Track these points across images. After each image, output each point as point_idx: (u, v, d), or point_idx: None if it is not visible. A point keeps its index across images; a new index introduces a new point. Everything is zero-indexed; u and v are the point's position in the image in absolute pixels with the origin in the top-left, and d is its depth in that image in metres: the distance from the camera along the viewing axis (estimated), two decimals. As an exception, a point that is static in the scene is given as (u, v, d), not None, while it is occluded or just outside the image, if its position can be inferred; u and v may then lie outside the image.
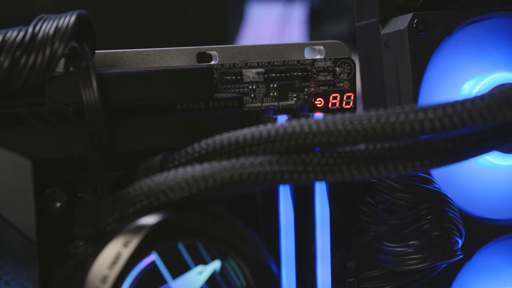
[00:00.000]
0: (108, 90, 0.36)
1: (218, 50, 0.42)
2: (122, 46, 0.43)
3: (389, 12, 0.46)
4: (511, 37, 0.46)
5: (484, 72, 0.46)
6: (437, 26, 0.44)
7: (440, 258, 0.40)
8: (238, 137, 0.35)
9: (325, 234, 0.40)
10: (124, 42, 0.98)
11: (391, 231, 0.40)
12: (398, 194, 0.40)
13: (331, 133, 0.33)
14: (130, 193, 0.34)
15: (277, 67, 0.42)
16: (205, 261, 0.34)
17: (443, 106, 0.32)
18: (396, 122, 0.32)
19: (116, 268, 0.32)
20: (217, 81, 0.41)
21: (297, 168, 0.34)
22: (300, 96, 0.42)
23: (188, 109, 0.38)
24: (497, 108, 0.32)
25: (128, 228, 0.33)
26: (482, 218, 0.46)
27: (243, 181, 0.33)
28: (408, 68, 0.44)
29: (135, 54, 0.41)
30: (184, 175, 0.34)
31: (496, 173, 0.46)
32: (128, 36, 1.00)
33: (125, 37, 0.99)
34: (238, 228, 0.35)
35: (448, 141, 0.34)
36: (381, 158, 0.34)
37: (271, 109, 0.42)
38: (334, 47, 0.44)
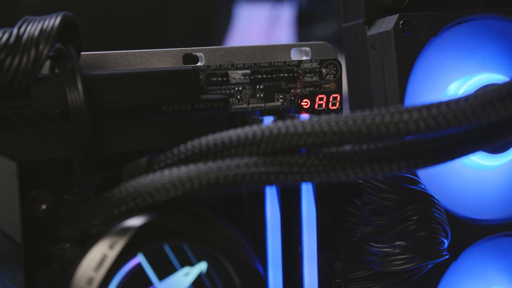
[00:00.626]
0: (93, 92, 0.36)
1: (204, 51, 0.42)
2: (108, 47, 0.43)
3: (375, 13, 0.46)
4: (496, 38, 0.46)
5: (469, 73, 0.46)
6: (423, 27, 0.45)
7: (426, 259, 0.40)
8: (224, 139, 0.35)
9: (311, 235, 0.40)
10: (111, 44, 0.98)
11: (377, 231, 0.41)
12: (385, 195, 0.40)
13: (316, 134, 0.33)
14: (116, 195, 0.34)
15: (263, 68, 0.42)
16: (191, 262, 0.34)
17: (428, 107, 0.32)
18: (381, 123, 0.32)
19: (101, 270, 0.32)
20: (203, 83, 0.41)
21: (283, 169, 0.34)
22: (286, 97, 0.43)
23: (174, 110, 0.38)
24: (481, 109, 0.32)
25: (113, 230, 0.33)
26: (468, 218, 0.46)
27: (228, 182, 0.33)
28: (394, 69, 0.44)
29: (121, 55, 0.41)
30: (170, 176, 0.34)
31: (482, 173, 0.46)
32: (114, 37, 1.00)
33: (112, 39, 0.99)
34: (224, 230, 0.35)
35: (434, 142, 0.34)
36: (367, 159, 0.34)
37: (257, 111, 0.42)
38: (320, 48, 0.44)
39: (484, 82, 0.45)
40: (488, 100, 0.32)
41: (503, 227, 0.47)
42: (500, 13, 0.46)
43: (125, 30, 1.03)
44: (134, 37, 1.03)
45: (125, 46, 0.44)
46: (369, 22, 0.46)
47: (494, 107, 0.32)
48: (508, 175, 0.47)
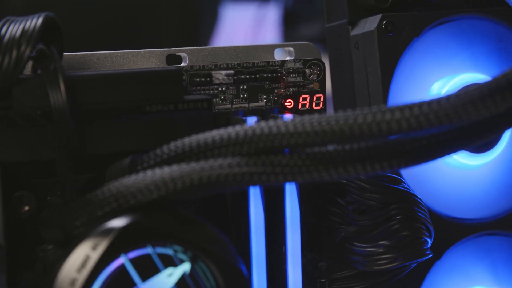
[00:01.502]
0: (76, 92, 0.36)
1: (188, 52, 0.42)
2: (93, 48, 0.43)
3: (358, 13, 0.46)
4: (478, 38, 0.47)
5: (452, 73, 0.46)
6: (406, 27, 0.45)
7: (410, 258, 0.40)
8: (207, 139, 0.35)
9: (295, 235, 0.40)
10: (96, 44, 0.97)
11: (361, 231, 0.41)
12: (368, 195, 0.40)
13: (299, 134, 0.33)
14: (99, 195, 0.34)
15: (246, 68, 0.42)
16: (174, 263, 0.34)
17: (410, 107, 0.33)
18: (364, 123, 0.33)
19: (84, 271, 0.32)
20: (187, 83, 0.41)
21: (266, 170, 0.34)
22: (270, 97, 0.43)
23: (157, 111, 0.38)
24: (462, 109, 0.32)
25: (96, 231, 0.33)
26: (452, 217, 0.46)
27: (212, 182, 0.34)
28: (377, 69, 0.45)
29: (104, 56, 0.41)
30: (153, 177, 0.34)
31: (465, 172, 0.47)
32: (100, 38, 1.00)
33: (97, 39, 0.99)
34: (208, 230, 0.35)
35: (416, 142, 0.34)
36: (350, 159, 0.34)
37: (240, 111, 0.42)
38: (304, 48, 0.44)
39: (466, 82, 0.45)
40: (470, 100, 0.32)
41: (486, 226, 0.47)
42: (482, 13, 0.47)
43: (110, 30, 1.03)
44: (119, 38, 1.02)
45: (110, 47, 0.44)
46: (352, 22, 0.46)
47: (475, 106, 0.32)
48: (490, 174, 0.47)
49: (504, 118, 0.35)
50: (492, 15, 0.47)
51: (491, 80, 0.33)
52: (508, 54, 0.47)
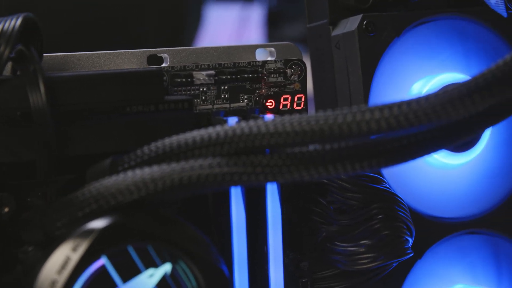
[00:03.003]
0: (56, 93, 0.36)
1: (169, 52, 0.42)
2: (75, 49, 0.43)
3: (339, 13, 0.46)
4: (458, 38, 0.47)
5: (433, 73, 0.46)
6: (386, 27, 0.45)
7: (391, 257, 0.41)
8: (188, 139, 0.35)
9: (277, 235, 0.40)
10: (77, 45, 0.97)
11: (342, 231, 0.41)
12: (349, 194, 0.41)
13: (279, 134, 0.33)
14: (79, 197, 0.34)
15: (227, 69, 0.42)
16: (155, 264, 0.34)
17: (389, 107, 0.33)
18: (344, 123, 0.33)
19: (65, 272, 0.32)
20: (168, 84, 0.41)
21: (246, 170, 0.34)
22: (251, 97, 0.43)
23: (137, 112, 0.38)
24: (441, 108, 0.32)
25: (77, 232, 0.33)
26: (433, 216, 0.47)
27: (192, 183, 0.34)
28: (358, 68, 0.45)
29: (84, 57, 0.41)
30: (133, 178, 0.34)
31: (445, 172, 0.47)
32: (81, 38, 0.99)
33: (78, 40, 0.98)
34: (189, 230, 0.35)
35: (396, 141, 0.34)
36: (330, 159, 0.34)
37: (222, 111, 0.42)
38: (285, 48, 0.44)
39: (447, 82, 0.45)
40: (448, 100, 0.32)
41: (467, 225, 0.47)
42: (462, 14, 0.47)
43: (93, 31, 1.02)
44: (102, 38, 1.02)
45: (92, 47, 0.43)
46: (333, 22, 0.47)
47: (454, 106, 0.32)
48: (471, 173, 0.47)
49: (484, 118, 0.36)
50: (471, 15, 0.47)
51: (470, 80, 0.33)
52: (487, 54, 0.47)
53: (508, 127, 0.48)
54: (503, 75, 0.33)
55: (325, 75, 0.48)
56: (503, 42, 0.47)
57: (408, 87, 0.46)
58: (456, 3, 0.47)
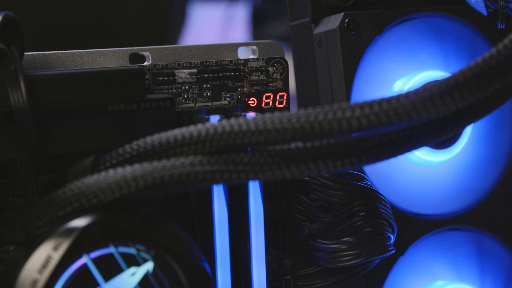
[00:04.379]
0: (37, 92, 0.36)
1: (151, 51, 0.42)
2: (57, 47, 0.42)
3: (321, 12, 0.46)
4: (439, 36, 0.47)
5: (414, 70, 0.46)
6: (368, 25, 0.45)
7: (373, 254, 0.41)
8: (169, 138, 0.35)
9: (259, 233, 0.40)
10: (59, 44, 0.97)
11: (325, 228, 0.41)
12: (332, 192, 0.41)
13: (260, 132, 0.33)
14: (61, 195, 0.34)
15: (209, 67, 0.42)
16: (137, 262, 0.34)
17: (369, 104, 0.33)
18: (324, 121, 0.33)
19: (46, 272, 0.32)
20: (150, 82, 0.41)
21: (228, 168, 0.34)
22: (233, 96, 0.43)
23: (119, 110, 0.38)
24: (421, 105, 0.33)
25: (58, 231, 0.33)
26: (414, 213, 0.47)
27: (173, 181, 0.34)
28: (340, 66, 0.45)
29: (66, 55, 0.41)
30: (114, 176, 0.34)
31: (427, 169, 0.47)
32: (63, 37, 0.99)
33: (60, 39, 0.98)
34: (170, 229, 0.35)
35: (377, 138, 0.35)
36: (312, 156, 0.34)
37: (204, 109, 0.42)
38: (267, 46, 0.44)
39: (428, 79, 0.46)
40: (428, 97, 0.33)
41: (448, 221, 0.47)
42: (442, 12, 0.47)
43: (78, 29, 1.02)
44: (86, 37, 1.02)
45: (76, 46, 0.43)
46: (315, 20, 0.47)
47: (434, 103, 0.33)
48: (452, 170, 0.48)
49: (464, 115, 0.36)
50: (451, 14, 0.47)
51: (449, 77, 0.33)
52: (467, 51, 0.47)
53: (489, 124, 0.48)
54: (482, 73, 0.33)
55: (308, 73, 0.48)
56: (483, 40, 0.48)
57: (389, 84, 0.46)
58: (437, 2, 0.48)
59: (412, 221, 0.46)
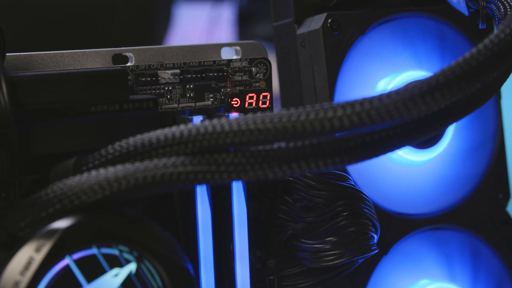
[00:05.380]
0: (19, 93, 0.36)
1: (134, 51, 0.42)
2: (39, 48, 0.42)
3: (304, 12, 0.47)
4: (421, 36, 0.47)
5: (397, 71, 0.47)
6: (351, 25, 0.45)
7: (357, 254, 0.41)
8: (152, 139, 0.35)
9: (243, 233, 0.40)
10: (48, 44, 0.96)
11: (308, 228, 0.41)
12: (315, 192, 0.41)
13: (243, 133, 0.33)
14: (43, 197, 0.34)
15: (192, 68, 0.42)
16: (120, 263, 0.34)
17: (351, 104, 0.33)
18: (307, 121, 0.33)
19: (28, 273, 0.32)
20: (133, 83, 0.41)
21: (210, 168, 0.34)
22: (216, 96, 0.43)
23: (102, 111, 0.38)
24: (403, 105, 0.33)
25: (40, 232, 0.33)
26: (398, 213, 0.47)
27: (156, 182, 0.34)
28: (323, 67, 0.45)
29: (48, 56, 0.41)
30: (97, 177, 0.34)
31: (410, 168, 0.47)
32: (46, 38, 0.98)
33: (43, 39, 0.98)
34: (153, 230, 0.35)
35: (359, 138, 0.35)
36: (294, 156, 0.34)
37: (187, 110, 0.42)
38: (251, 47, 0.44)
39: (411, 79, 0.46)
40: (410, 97, 0.33)
41: (431, 220, 0.48)
42: (425, 12, 0.47)
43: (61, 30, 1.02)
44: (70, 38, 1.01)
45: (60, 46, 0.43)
46: (298, 21, 0.47)
47: (415, 103, 0.33)
48: (435, 170, 0.48)
49: (446, 114, 0.36)
50: (434, 14, 0.47)
51: (431, 77, 0.33)
52: (450, 51, 0.48)
53: (471, 123, 0.49)
54: (463, 73, 0.33)
55: (291, 73, 0.48)
56: (465, 40, 0.48)
57: (373, 84, 0.47)
58: (420, 2, 0.48)
59: (396, 221, 0.46)
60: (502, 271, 0.49)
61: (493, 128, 0.49)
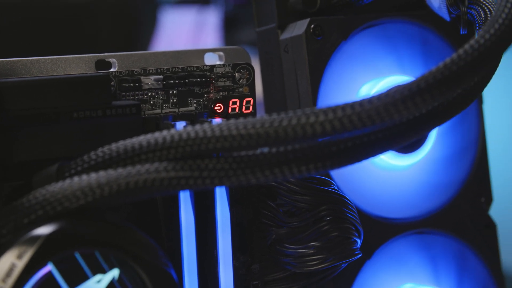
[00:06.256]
0: (2, 99, 0.36)
1: (117, 57, 0.42)
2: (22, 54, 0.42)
3: (287, 17, 0.47)
4: (404, 41, 0.47)
5: (379, 76, 0.47)
6: (334, 31, 0.45)
7: (340, 258, 0.41)
8: (134, 144, 0.35)
9: (226, 238, 0.40)
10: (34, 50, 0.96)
11: (292, 233, 0.41)
12: (298, 197, 0.41)
13: (225, 138, 0.33)
14: (25, 203, 0.34)
15: (176, 73, 0.42)
16: (103, 269, 0.34)
17: (333, 109, 0.33)
18: (288, 126, 0.33)
19: (10, 280, 0.32)
20: (116, 89, 0.41)
21: (193, 174, 0.34)
22: (200, 102, 0.43)
23: (85, 117, 0.38)
24: (384, 110, 0.33)
25: (22, 239, 0.33)
26: (381, 217, 0.47)
27: (139, 188, 0.34)
28: (306, 72, 0.45)
29: (31, 62, 0.41)
30: (79, 183, 0.34)
31: (393, 173, 0.47)
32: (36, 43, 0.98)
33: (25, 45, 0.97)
34: (136, 235, 0.35)
35: (342, 143, 0.35)
36: (277, 162, 0.34)
37: (170, 116, 0.42)
38: (234, 52, 0.44)
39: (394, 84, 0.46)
40: (391, 102, 0.33)
41: (414, 225, 0.48)
42: (407, 17, 0.48)
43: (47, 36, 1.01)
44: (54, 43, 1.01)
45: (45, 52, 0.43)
46: (281, 26, 0.47)
47: (396, 108, 0.33)
48: (418, 174, 0.48)
49: (428, 119, 0.36)
50: (416, 19, 0.48)
51: (411, 82, 0.34)
52: (432, 56, 0.48)
53: (454, 128, 0.49)
54: (443, 78, 0.33)
55: (274, 78, 0.48)
56: (447, 45, 0.48)
57: (356, 89, 0.47)
58: (402, 7, 0.48)
59: (379, 225, 0.47)
60: (485, 275, 0.50)
61: (475, 133, 0.49)
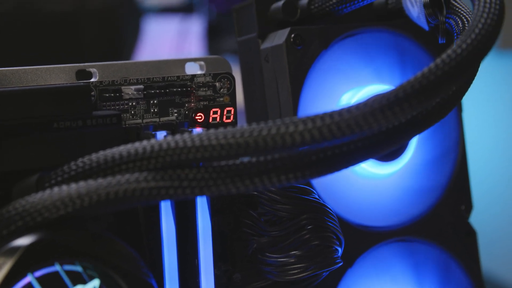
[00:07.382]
0: (-19, 110, 0.36)
1: (98, 67, 0.42)
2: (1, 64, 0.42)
3: (268, 27, 0.47)
4: (383, 50, 0.48)
5: (359, 85, 0.47)
6: (314, 40, 0.46)
7: (321, 267, 0.41)
8: (114, 155, 0.35)
9: (207, 247, 0.40)
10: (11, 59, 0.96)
11: (273, 242, 0.41)
12: (279, 206, 0.41)
13: (205, 148, 0.34)
14: (4, 214, 0.34)
15: (156, 83, 0.42)
16: (83, 280, 0.34)
17: (312, 119, 0.33)
18: (268, 136, 0.33)
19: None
20: (96, 99, 0.41)
21: (173, 184, 0.34)
22: (180, 111, 0.43)
23: (65, 127, 0.38)
24: (363, 119, 0.33)
25: (1, 250, 0.33)
26: (362, 225, 0.47)
27: (119, 198, 0.34)
28: (287, 81, 0.45)
29: (11, 72, 0.40)
30: (60, 194, 0.34)
31: (373, 181, 0.48)
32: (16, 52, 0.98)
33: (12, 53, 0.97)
34: (117, 246, 0.35)
35: (321, 152, 0.35)
36: (256, 171, 0.34)
37: (151, 125, 0.42)
38: (215, 62, 0.44)
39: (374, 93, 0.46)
40: (370, 111, 0.33)
41: (395, 233, 0.48)
42: (387, 26, 0.48)
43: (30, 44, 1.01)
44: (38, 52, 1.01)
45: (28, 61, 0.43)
46: (262, 35, 0.47)
47: (375, 117, 0.33)
48: (398, 183, 0.48)
49: (407, 128, 0.37)
50: (395, 28, 0.48)
51: (390, 92, 0.34)
52: (411, 65, 0.48)
53: (434, 136, 0.49)
54: (421, 87, 0.34)
55: (255, 88, 0.48)
56: (426, 54, 0.49)
57: (336, 98, 0.47)
58: (382, 17, 0.48)
59: (360, 233, 0.47)
60: (467, 281, 0.50)
61: (455, 140, 0.50)
